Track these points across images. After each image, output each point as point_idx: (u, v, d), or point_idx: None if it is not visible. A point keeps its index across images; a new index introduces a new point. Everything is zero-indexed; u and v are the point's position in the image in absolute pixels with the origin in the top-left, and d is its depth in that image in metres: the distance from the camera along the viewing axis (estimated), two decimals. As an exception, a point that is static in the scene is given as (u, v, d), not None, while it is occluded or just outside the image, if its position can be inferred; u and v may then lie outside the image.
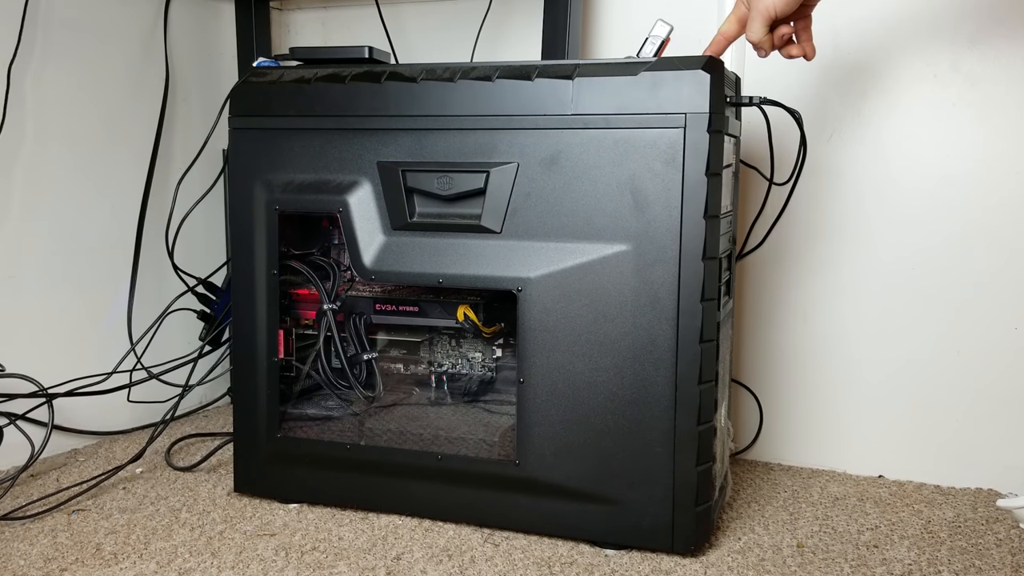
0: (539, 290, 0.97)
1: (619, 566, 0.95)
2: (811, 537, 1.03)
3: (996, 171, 1.15)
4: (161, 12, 1.43)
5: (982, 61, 1.14)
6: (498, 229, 0.98)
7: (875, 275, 1.21)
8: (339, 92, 1.03)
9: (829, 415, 1.26)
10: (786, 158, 1.13)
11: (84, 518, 1.07)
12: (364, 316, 1.12)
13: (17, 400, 1.18)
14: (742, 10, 0.97)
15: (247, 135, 1.07)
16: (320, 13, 1.55)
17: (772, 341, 1.28)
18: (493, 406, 1.11)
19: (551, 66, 0.97)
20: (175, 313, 1.36)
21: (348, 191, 1.03)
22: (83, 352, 1.34)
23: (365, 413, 1.12)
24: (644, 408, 0.95)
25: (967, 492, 1.17)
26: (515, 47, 1.41)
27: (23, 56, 1.23)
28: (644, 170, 0.92)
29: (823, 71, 1.21)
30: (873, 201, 1.20)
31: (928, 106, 1.17)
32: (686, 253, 0.92)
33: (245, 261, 1.09)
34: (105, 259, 1.37)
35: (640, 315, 0.94)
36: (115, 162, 1.38)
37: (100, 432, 1.35)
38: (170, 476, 1.22)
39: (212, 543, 1.01)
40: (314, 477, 1.09)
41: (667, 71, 0.91)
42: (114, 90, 1.37)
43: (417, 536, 1.02)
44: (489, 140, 0.98)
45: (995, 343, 1.17)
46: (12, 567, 0.95)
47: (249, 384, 1.10)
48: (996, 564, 0.96)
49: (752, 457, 1.30)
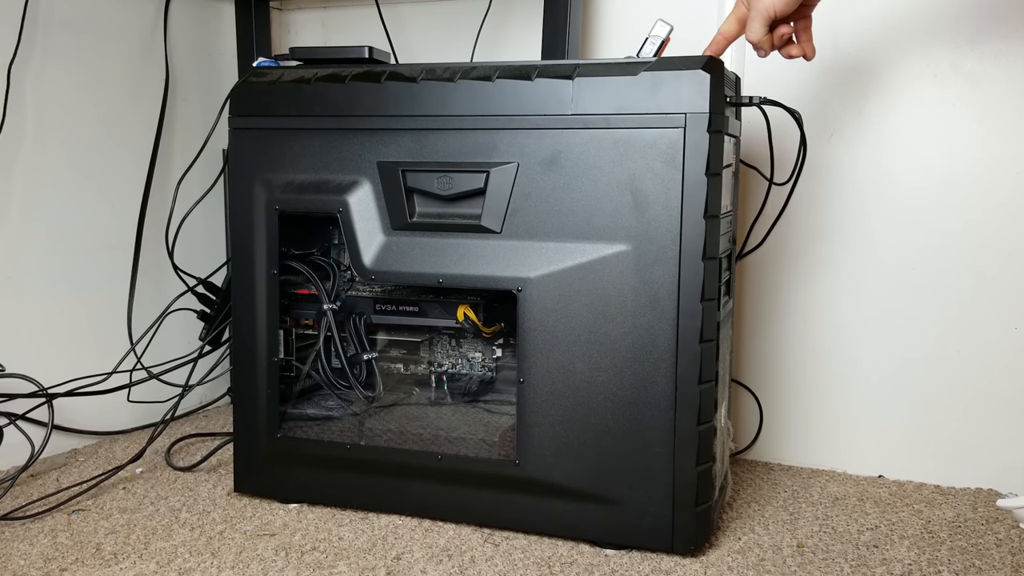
0: (539, 290, 0.97)
1: (619, 566, 0.95)
2: (811, 537, 1.03)
3: (996, 171, 1.15)
4: (161, 12, 1.43)
5: (982, 61, 1.14)
6: (498, 229, 0.98)
7: (875, 275, 1.21)
8: (339, 92, 1.03)
9: (829, 415, 1.26)
10: (786, 158, 1.13)
11: (84, 518, 1.07)
12: (364, 316, 1.12)
13: (17, 400, 1.18)
14: (742, 10, 0.97)
15: (247, 135, 1.07)
16: (320, 13, 1.55)
17: (772, 341, 1.28)
18: (493, 406, 1.11)
19: (551, 66, 0.97)
20: (175, 313, 1.36)
21: (348, 191, 1.03)
22: (83, 352, 1.34)
23: (365, 413, 1.12)
24: (644, 408, 0.95)
25: (967, 492, 1.17)
26: (515, 47, 1.41)
27: (23, 56, 1.23)
28: (644, 170, 0.92)
29: (823, 71, 1.21)
30: (873, 201, 1.20)
31: (928, 106, 1.17)
32: (686, 253, 0.92)
33: (245, 261, 1.09)
34: (105, 259, 1.37)
35: (640, 315, 0.94)
36: (115, 162, 1.38)
37: (100, 432, 1.35)
38: (170, 476, 1.22)
39: (212, 543, 1.01)
40: (314, 477, 1.09)
41: (667, 71, 0.91)
42: (114, 90, 1.37)
43: (417, 536, 1.02)
44: (489, 140, 0.98)
45: (995, 343, 1.17)
46: (12, 567, 0.95)
47: (249, 384, 1.10)
48: (996, 564, 0.96)
49: (752, 457, 1.30)
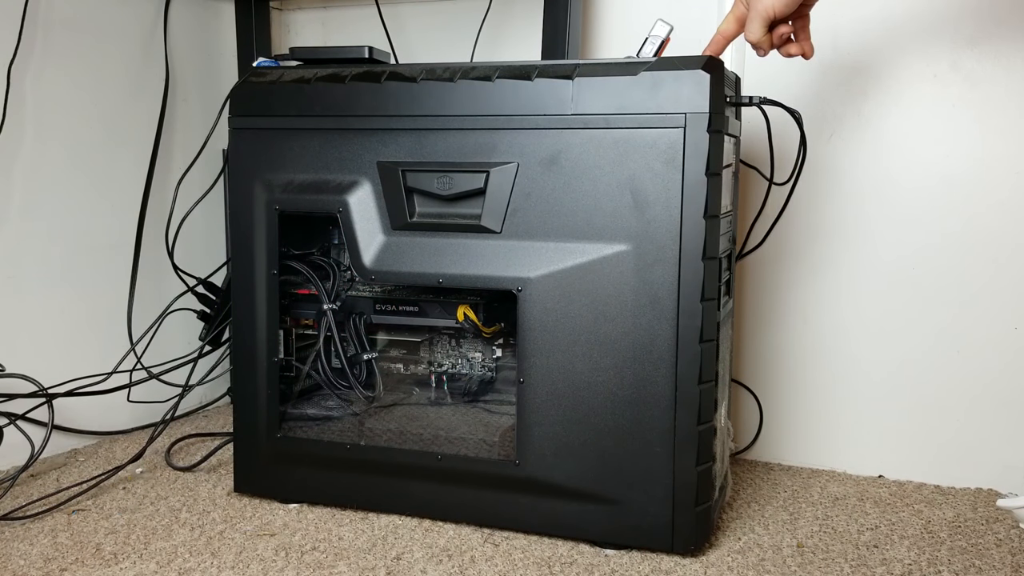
0: (539, 290, 0.97)
1: (619, 566, 0.95)
2: (811, 537, 1.03)
3: (996, 171, 1.15)
4: (161, 12, 1.43)
5: (982, 61, 1.14)
6: (498, 229, 0.98)
7: (875, 275, 1.21)
8: (339, 92, 1.03)
9: (829, 415, 1.26)
10: (786, 158, 1.13)
11: (84, 518, 1.07)
12: (364, 316, 1.12)
13: (17, 400, 1.18)
14: (741, 10, 0.97)
15: (247, 135, 1.07)
16: (320, 13, 1.55)
17: (772, 341, 1.28)
18: (493, 406, 1.11)
19: (551, 66, 0.97)
20: (175, 313, 1.36)
21: (348, 191, 1.03)
22: (83, 352, 1.34)
23: (365, 413, 1.12)
24: (644, 408, 0.95)
25: (967, 492, 1.17)
26: (515, 47, 1.41)
27: (23, 56, 1.23)
28: (644, 170, 0.92)
29: (823, 71, 1.21)
30: (873, 201, 1.20)
31: (928, 106, 1.17)
32: (686, 253, 0.92)
33: (245, 261, 1.09)
34: (105, 259, 1.37)
35: (640, 315, 0.94)
36: (115, 162, 1.38)
37: (100, 432, 1.35)
38: (170, 476, 1.22)
39: (212, 543, 1.01)
40: (314, 477, 1.09)
41: (667, 71, 0.91)
42: (114, 90, 1.37)
43: (417, 536, 1.02)
44: (489, 140, 0.98)
45: (995, 343, 1.17)
46: (12, 567, 0.95)
47: (249, 384, 1.10)
48: (996, 564, 0.96)
49: (752, 457, 1.30)
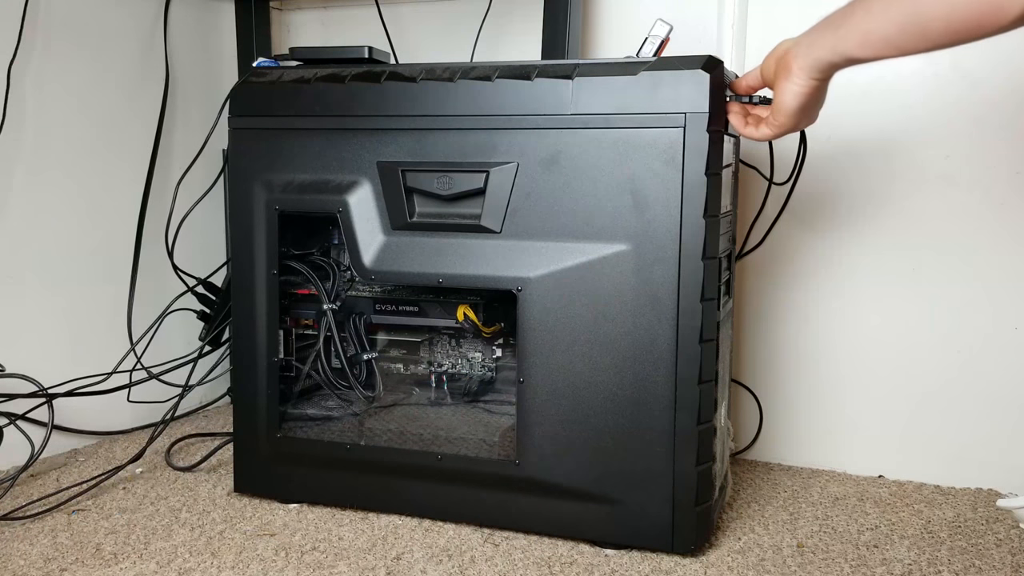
0: (539, 290, 0.97)
1: (619, 566, 0.95)
2: (811, 537, 1.03)
3: (996, 171, 1.15)
4: (161, 12, 1.43)
5: (982, 61, 1.14)
6: (498, 229, 0.98)
7: (875, 275, 1.21)
8: (339, 92, 1.03)
9: (829, 415, 1.26)
10: (786, 158, 1.13)
11: (84, 518, 1.07)
12: (364, 316, 1.12)
13: (17, 400, 1.17)
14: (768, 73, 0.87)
15: (247, 135, 1.07)
16: (320, 13, 1.55)
17: (772, 341, 1.28)
18: (493, 406, 1.11)
19: (551, 66, 0.97)
20: (175, 313, 1.36)
21: (348, 191, 1.03)
22: (83, 352, 1.34)
23: (365, 413, 1.12)
24: (644, 408, 0.95)
25: (967, 492, 1.17)
26: (515, 47, 1.41)
27: (23, 56, 1.23)
28: (644, 170, 0.92)
29: (823, 71, 1.21)
30: (873, 201, 1.20)
31: (928, 106, 1.17)
32: (686, 253, 0.92)
33: (245, 261, 1.09)
34: (105, 259, 1.37)
35: (640, 315, 0.94)
36: (115, 162, 1.38)
37: (100, 432, 1.35)
38: (170, 476, 1.22)
39: (212, 543, 1.01)
40: (314, 477, 1.09)
41: (666, 71, 0.91)
42: (114, 90, 1.37)
43: (417, 536, 1.02)
44: (489, 140, 0.98)
45: (995, 343, 1.17)
46: (12, 567, 0.95)
47: (249, 384, 1.10)
48: (996, 564, 0.96)
49: (752, 457, 1.30)
